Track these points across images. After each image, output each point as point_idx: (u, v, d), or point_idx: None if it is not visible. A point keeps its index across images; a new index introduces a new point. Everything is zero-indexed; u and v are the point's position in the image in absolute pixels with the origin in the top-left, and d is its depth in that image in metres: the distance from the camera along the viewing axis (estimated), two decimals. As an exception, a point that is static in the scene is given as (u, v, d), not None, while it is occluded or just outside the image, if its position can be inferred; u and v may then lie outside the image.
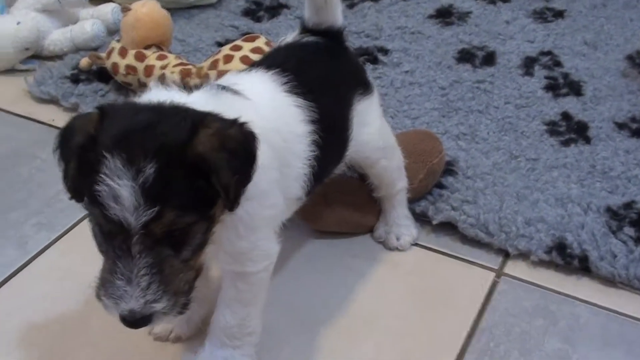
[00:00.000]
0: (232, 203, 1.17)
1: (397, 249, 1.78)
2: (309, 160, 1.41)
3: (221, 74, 2.00)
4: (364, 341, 1.57)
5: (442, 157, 1.87)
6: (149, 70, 2.17)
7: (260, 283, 1.39)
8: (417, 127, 2.11)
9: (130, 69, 2.19)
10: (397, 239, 1.78)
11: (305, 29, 1.59)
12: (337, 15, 1.58)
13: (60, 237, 1.82)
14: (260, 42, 2.08)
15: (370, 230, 1.83)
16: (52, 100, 2.29)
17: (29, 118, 2.26)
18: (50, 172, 2.00)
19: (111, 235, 1.14)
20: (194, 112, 1.18)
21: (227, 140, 1.14)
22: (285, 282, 1.69)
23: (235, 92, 1.32)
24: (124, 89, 2.28)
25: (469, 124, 2.14)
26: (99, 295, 1.18)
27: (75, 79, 2.33)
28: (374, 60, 2.44)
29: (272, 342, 1.54)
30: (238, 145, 1.16)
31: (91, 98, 2.25)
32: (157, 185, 1.09)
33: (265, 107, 1.34)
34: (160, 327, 1.55)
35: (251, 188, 1.19)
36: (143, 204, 1.09)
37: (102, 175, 1.09)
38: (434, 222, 1.82)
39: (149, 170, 1.09)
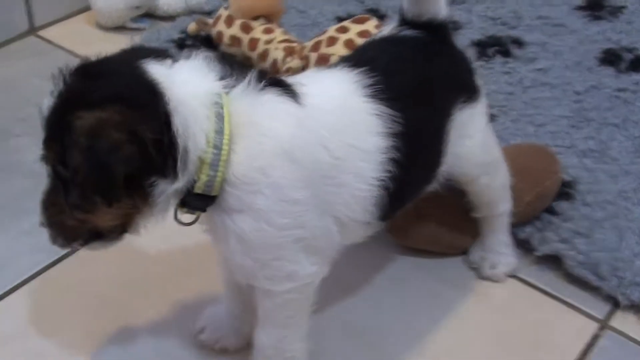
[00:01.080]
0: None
1: (490, 278, 1.57)
2: (380, 180, 1.21)
3: (322, 57, 1.84)
4: (431, 382, 1.38)
5: (556, 180, 1.63)
6: (253, 44, 2.03)
7: (292, 305, 1.23)
8: (541, 136, 1.88)
9: (235, 40, 2.06)
10: (492, 267, 1.57)
11: (404, 21, 1.37)
12: (440, 5, 1.35)
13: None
14: (370, 26, 1.88)
15: (464, 252, 1.62)
16: (155, 64, 2.19)
17: (128, 81, 2.16)
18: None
19: None
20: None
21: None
22: (356, 301, 1.52)
23: (286, 94, 1.15)
24: (230, 59, 2.13)
25: (600, 139, 1.88)
26: None
27: (181, 44, 2.22)
28: (506, 53, 2.20)
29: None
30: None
31: (195, 65, 2.13)
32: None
33: (326, 116, 1.16)
34: (207, 333, 1.43)
35: (238, 201, 1.12)
36: None
37: None
38: (537, 254, 1.59)
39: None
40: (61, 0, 2.41)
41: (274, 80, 1.17)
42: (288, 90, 1.15)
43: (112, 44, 2.26)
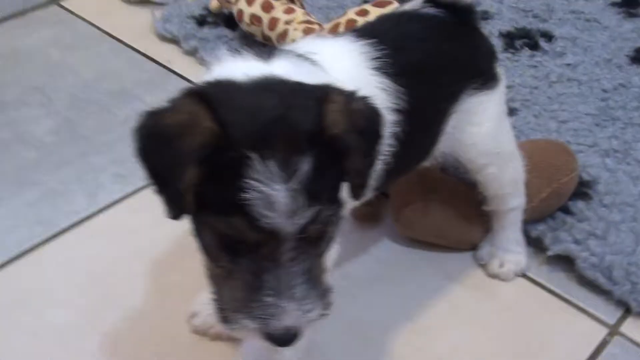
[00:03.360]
0: (361, 189, 1.00)
1: (498, 276, 1.51)
2: (384, 155, 1.15)
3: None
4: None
5: (573, 178, 1.57)
6: (272, 23, 1.97)
7: None
8: (563, 133, 1.80)
9: (255, 18, 2.01)
10: (501, 265, 1.51)
11: None
12: None
13: (133, 194, 1.68)
14: (391, 10, 1.82)
15: (474, 247, 1.56)
16: (173, 41, 2.16)
17: (145, 56, 2.13)
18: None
19: (253, 247, 0.94)
20: (310, 86, 0.97)
21: (355, 117, 0.95)
22: (357, 293, 1.47)
23: (314, 63, 1.09)
24: (249, 38, 2.09)
25: (625, 140, 1.80)
26: (231, 320, 0.98)
27: (201, 21, 2.18)
28: (534, 46, 2.12)
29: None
30: (366, 122, 0.98)
31: (212, 44, 2.09)
32: (313, 183, 0.91)
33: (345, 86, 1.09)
34: (200, 319, 1.39)
35: None
36: (302, 206, 0.90)
37: (251, 180, 0.89)
38: (549, 254, 1.53)
39: (305, 167, 0.90)
40: (86, -29, 2.38)
41: (287, 50, 1.11)
42: (309, 59, 1.09)
43: (133, 18, 2.27)
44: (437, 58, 1.27)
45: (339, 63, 1.14)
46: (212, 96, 0.93)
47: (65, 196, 1.67)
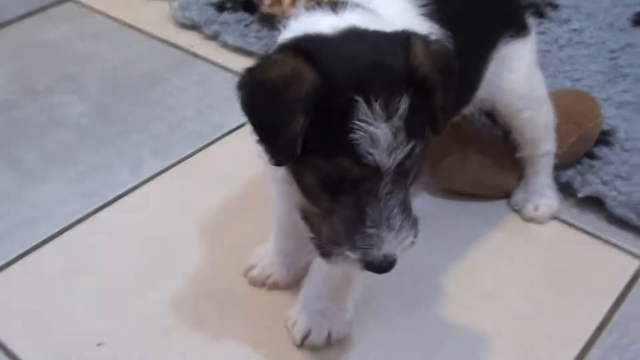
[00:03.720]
0: (444, 124, 1.08)
1: (534, 220, 1.60)
2: None
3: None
4: (483, 319, 1.40)
5: (598, 122, 1.66)
6: (294, 1, 2.05)
7: None
8: (579, 89, 1.89)
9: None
10: (535, 209, 1.59)
11: None
12: None
13: (174, 165, 1.75)
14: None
15: (508, 194, 1.64)
16: (194, 27, 2.22)
17: (168, 42, 2.19)
18: (178, 98, 1.95)
19: (356, 183, 1.01)
20: (391, 32, 1.06)
21: (436, 58, 1.03)
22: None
23: (373, 12, 1.15)
24: (268, 20, 2.16)
25: (637, 93, 1.89)
26: (333, 252, 1.06)
27: (220, 7, 2.25)
28: (541, 15, 2.22)
29: (377, 307, 1.41)
30: (445, 62, 1.05)
31: (234, 27, 2.17)
32: (409, 120, 0.99)
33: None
34: (258, 270, 1.45)
35: None
36: (401, 142, 0.99)
37: (358, 121, 0.97)
38: (579, 195, 1.61)
39: (403, 106, 0.98)
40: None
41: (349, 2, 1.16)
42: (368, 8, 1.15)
43: (150, 9, 2.33)
44: (477, 6, 1.35)
45: (392, 11, 1.20)
46: (308, 49, 1.00)
47: (109, 171, 1.73)
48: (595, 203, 1.61)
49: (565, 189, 1.64)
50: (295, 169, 1.06)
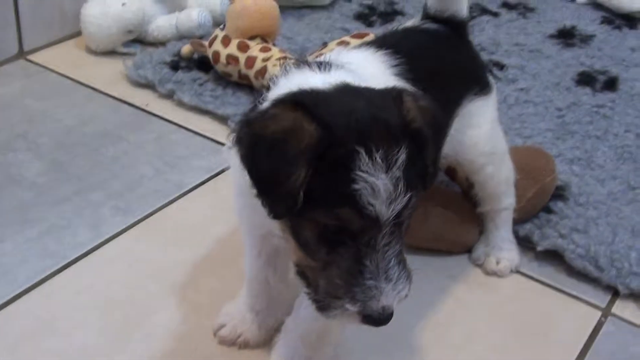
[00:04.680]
0: (434, 177, 1.12)
1: (495, 274, 1.63)
2: None
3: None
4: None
5: (554, 177, 1.71)
6: (250, 62, 2.08)
7: None
8: (529, 146, 1.96)
9: (232, 58, 2.11)
10: (497, 263, 1.63)
11: (426, 15, 1.48)
12: (462, 5, 1.46)
13: (136, 224, 1.73)
14: (369, 40, 1.95)
15: (468, 249, 1.67)
16: (148, 85, 2.22)
17: (122, 101, 2.19)
18: (135, 156, 1.94)
19: (355, 235, 1.03)
20: (382, 89, 1.10)
21: (426, 113, 1.07)
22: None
23: (354, 72, 1.19)
24: (223, 79, 2.19)
25: (585, 149, 1.97)
26: (331, 306, 1.07)
27: (174, 66, 2.26)
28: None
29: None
30: (433, 117, 1.09)
31: (188, 86, 2.17)
32: (407, 171, 1.02)
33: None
34: (228, 329, 1.44)
35: None
36: (401, 192, 1.01)
37: (360, 172, 0.99)
38: (539, 249, 1.66)
39: (401, 157, 1.01)
40: (51, 25, 2.42)
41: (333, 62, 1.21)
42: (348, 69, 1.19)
43: (103, 68, 2.33)
44: (444, 66, 1.41)
45: (368, 70, 1.25)
46: (306, 102, 1.03)
47: (69, 230, 1.70)
48: (554, 256, 1.65)
49: (525, 243, 1.68)
50: (293, 223, 1.07)
